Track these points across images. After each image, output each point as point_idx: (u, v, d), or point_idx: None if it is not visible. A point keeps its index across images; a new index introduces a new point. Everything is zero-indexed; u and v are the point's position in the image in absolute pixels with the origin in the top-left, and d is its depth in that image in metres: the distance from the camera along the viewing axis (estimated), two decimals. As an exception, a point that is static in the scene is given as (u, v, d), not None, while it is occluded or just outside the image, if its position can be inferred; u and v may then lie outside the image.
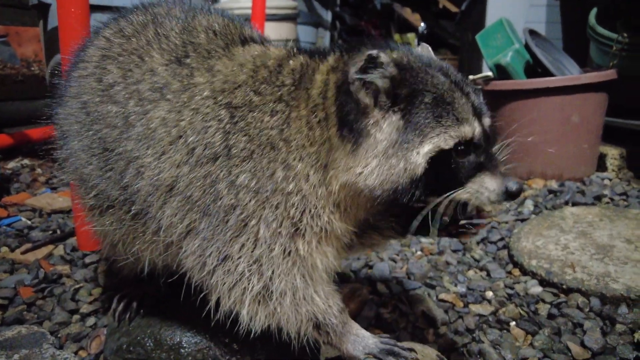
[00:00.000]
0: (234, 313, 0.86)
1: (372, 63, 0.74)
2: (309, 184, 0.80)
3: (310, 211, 0.81)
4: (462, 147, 0.79)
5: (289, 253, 0.82)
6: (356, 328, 0.97)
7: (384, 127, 0.78)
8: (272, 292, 0.83)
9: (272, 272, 0.82)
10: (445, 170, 0.79)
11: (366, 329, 1.21)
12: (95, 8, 2.08)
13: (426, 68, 0.81)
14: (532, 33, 2.43)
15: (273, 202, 0.80)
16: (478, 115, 0.81)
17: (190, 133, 0.82)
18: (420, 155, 0.77)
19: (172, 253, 0.90)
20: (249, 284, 0.82)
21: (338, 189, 0.81)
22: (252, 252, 0.81)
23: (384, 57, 0.75)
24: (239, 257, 0.81)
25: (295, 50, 0.92)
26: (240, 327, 0.86)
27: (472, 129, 0.79)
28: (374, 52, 0.74)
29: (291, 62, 0.87)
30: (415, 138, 0.77)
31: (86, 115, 0.94)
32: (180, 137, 0.83)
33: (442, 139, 0.77)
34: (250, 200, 0.80)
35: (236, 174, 0.80)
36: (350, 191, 0.82)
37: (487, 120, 0.84)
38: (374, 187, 0.78)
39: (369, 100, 0.77)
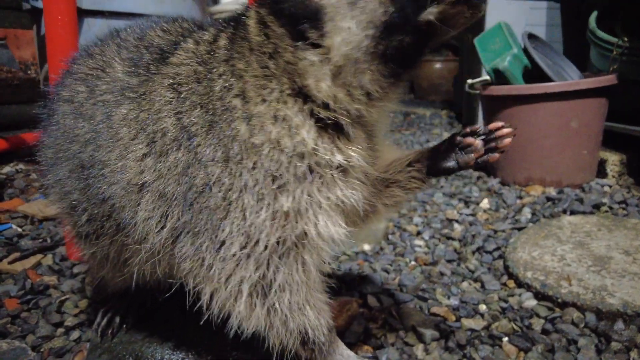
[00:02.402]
0: (226, 309, 0.80)
1: None
2: (280, 120, 0.74)
3: (289, 154, 0.74)
4: None
5: (278, 215, 0.75)
6: (342, 348, 0.95)
7: None
8: (270, 282, 0.78)
9: (266, 261, 0.76)
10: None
11: (354, 344, 1.19)
12: (87, 13, 2.07)
13: None
14: (532, 37, 2.40)
15: (247, 164, 0.74)
16: None
17: (148, 123, 0.80)
18: None
19: (162, 259, 0.84)
20: (246, 272, 0.76)
21: (329, 83, 0.73)
22: (242, 227, 0.75)
23: None
24: (232, 240, 0.75)
25: (224, 24, 0.90)
26: (231, 330, 0.81)
27: None
28: None
29: (225, 29, 0.85)
30: None
31: (64, 137, 0.94)
32: (141, 129, 0.81)
33: None
34: (223, 172, 0.74)
35: (202, 151, 0.75)
36: (344, 67, 0.72)
37: None
38: (361, 41, 0.70)
39: None
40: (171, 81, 0.82)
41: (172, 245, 0.81)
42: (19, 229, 1.83)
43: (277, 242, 0.76)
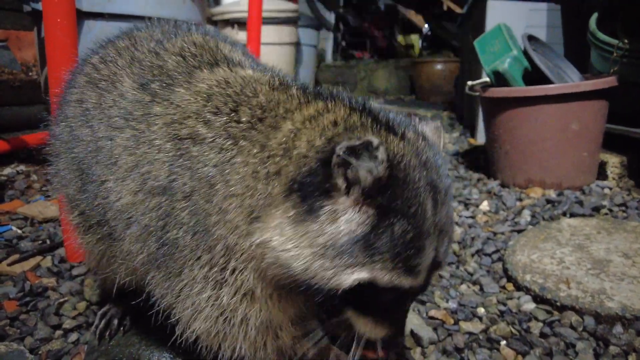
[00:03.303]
0: (193, 334, 0.83)
1: (366, 150, 0.62)
2: (234, 235, 0.73)
3: (232, 262, 0.75)
4: (391, 291, 0.70)
5: (216, 304, 0.77)
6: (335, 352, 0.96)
7: (339, 223, 0.66)
8: (225, 334, 0.80)
9: (216, 317, 0.78)
10: (359, 297, 0.72)
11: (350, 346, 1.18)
12: (88, 15, 2.07)
13: (420, 190, 0.68)
14: (531, 39, 2.39)
15: (206, 245, 0.75)
16: (433, 268, 0.72)
17: (143, 163, 0.80)
18: (352, 277, 0.67)
19: (139, 276, 0.89)
20: (198, 328, 0.80)
21: (259, 244, 0.71)
22: (191, 292, 0.78)
23: (381, 152, 0.63)
24: (184, 297, 0.79)
25: (273, 79, 0.83)
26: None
27: (416, 282, 0.70)
28: (375, 141, 0.62)
29: (261, 95, 0.78)
30: (360, 257, 0.66)
31: (70, 137, 0.95)
32: (136, 166, 0.81)
33: (382, 276, 0.67)
34: (189, 240, 0.75)
35: (179, 209, 0.75)
36: (271, 255, 0.71)
37: (437, 272, 0.75)
38: (296, 271, 0.69)
39: (341, 184, 0.66)
40: (175, 133, 0.78)
41: (148, 270, 0.83)
42: (19, 231, 1.83)
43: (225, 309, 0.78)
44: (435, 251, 0.70)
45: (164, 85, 0.85)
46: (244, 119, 0.75)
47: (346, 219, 0.67)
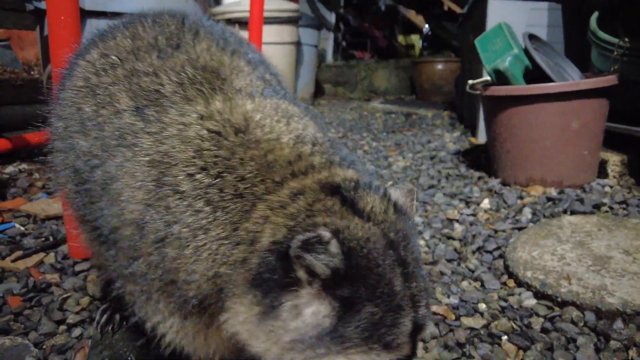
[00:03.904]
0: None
1: (318, 245, 0.61)
2: (201, 293, 0.73)
3: (203, 316, 0.76)
4: None
5: (184, 331, 0.80)
6: None
7: (304, 316, 0.65)
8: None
9: (173, 339, 0.82)
10: None
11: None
12: (91, 13, 2.08)
13: (386, 271, 0.66)
14: (532, 38, 2.40)
15: (173, 291, 0.74)
16: (415, 334, 0.70)
17: (123, 192, 0.77)
18: None
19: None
20: (168, 342, 0.83)
21: (230, 335, 0.72)
22: (156, 317, 0.81)
23: (334, 246, 0.62)
24: (152, 315, 0.81)
25: (265, 134, 0.78)
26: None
27: (400, 354, 0.68)
28: (326, 235, 0.61)
29: (249, 165, 0.73)
30: (332, 347, 0.64)
31: (68, 136, 0.92)
32: (119, 194, 0.78)
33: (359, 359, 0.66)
34: (155, 280, 0.75)
35: (149, 252, 0.73)
36: (242, 345, 0.71)
37: (421, 335, 0.73)
38: None
39: (302, 276, 0.64)
40: (158, 176, 0.75)
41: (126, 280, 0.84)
42: (22, 228, 1.84)
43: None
44: (413, 320, 0.69)
45: (157, 115, 0.80)
46: (226, 191, 0.72)
47: (311, 311, 0.66)
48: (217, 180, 0.72)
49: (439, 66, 6.32)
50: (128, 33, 0.97)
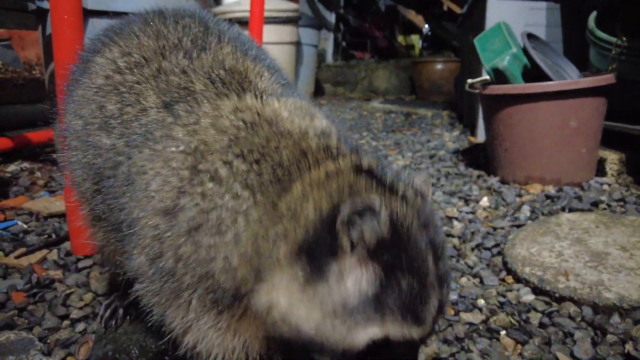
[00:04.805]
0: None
1: (369, 213, 0.65)
2: (242, 287, 0.73)
3: (236, 308, 0.75)
4: (402, 344, 0.71)
5: (218, 327, 0.78)
6: None
7: (347, 282, 0.68)
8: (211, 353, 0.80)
9: (201, 339, 0.79)
10: (373, 357, 0.72)
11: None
12: (93, 13, 2.10)
13: (422, 248, 0.70)
14: (531, 37, 2.42)
15: (209, 286, 0.74)
16: (437, 315, 0.74)
17: (153, 182, 0.78)
18: (366, 335, 0.68)
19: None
20: (186, 342, 0.80)
21: (266, 307, 0.72)
22: (185, 315, 0.78)
23: (384, 214, 0.66)
24: (174, 318, 0.79)
25: (295, 127, 0.80)
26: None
27: (424, 332, 0.72)
28: (376, 203, 0.65)
29: (284, 153, 0.76)
30: (371, 315, 0.68)
31: (86, 136, 0.93)
32: (147, 185, 0.79)
33: (394, 331, 0.69)
34: (187, 274, 0.74)
35: (180, 243, 0.74)
36: (278, 316, 0.71)
37: (440, 318, 0.77)
38: (305, 334, 0.70)
39: (347, 245, 0.67)
40: (194, 164, 0.76)
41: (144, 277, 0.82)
42: (25, 226, 1.86)
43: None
44: (439, 301, 0.73)
45: (189, 109, 0.82)
46: (265, 175, 0.74)
47: (354, 278, 0.68)
48: (254, 165, 0.75)
49: (439, 66, 6.34)
50: (151, 32, 0.97)
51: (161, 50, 0.93)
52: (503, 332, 1.26)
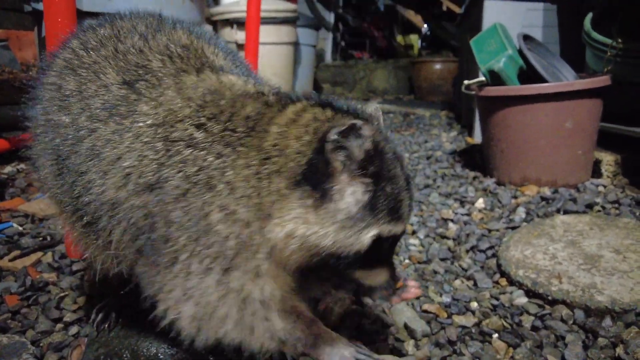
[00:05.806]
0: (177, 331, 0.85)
1: (354, 132, 0.76)
2: (248, 230, 0.78)
3: (244, 253, 0.79)
4: (389, 239, 0.87)
5: (222, 286, 0.80)
6: (331, 338, 0.97)
7: (346, 196, 0.80)
8: (210, 316, 0.82)
9: (207, 302, 0.80)
10: (371, 253, 0.85)
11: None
12: (88, 15, 2.09)
13: (391, 157, 0.84)
14: (527, 38, 2.42)
15: (207, 241, 0.78)
16: (409, 212, 0.90)
17: (127, 157, 0.81)
18: (368, 236, 0.82)
19: (125, 264, 0.90)
20: (183, 312, 0.82)
21: (283, 237, 0.79)
22: (184, 282, 0.80)
23: (366, 130, 0.76)
24: (173, 287, 0.81)
25: (253, 89, 0.89)
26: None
27: (404, 227, 0.88)
28: (358, 122, 0.76)
29: (248, 107, 0.84)
30: (369, 219, 0.81)
31: (46, 121, 0.95)
32: (119, 159, 0.82)
33: (385, 229, 0.84)
34: (182, 237, 0.78)
35: (169, 210, 0.78)
36: (296, 242, 0.80)
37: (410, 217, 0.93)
38: (325, 247, 0.81)
39: (339, 164, 0.78)
40: (165, 134, 0.81)
41: (137, 258, 0.85)
42: (20, 228, 1.86)
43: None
44: (410, 199, 0.89)
45: (150, 85, 0.86)
46: (239, 129, 0.82)
47: (351, 191, 0.80)
48: (227, 124, 0.82)
49: (438, 66, 6.33)
50: (106, 25, 1.03)
51: (116, 35, 0.98)
52: (495, 335, 1.26)
